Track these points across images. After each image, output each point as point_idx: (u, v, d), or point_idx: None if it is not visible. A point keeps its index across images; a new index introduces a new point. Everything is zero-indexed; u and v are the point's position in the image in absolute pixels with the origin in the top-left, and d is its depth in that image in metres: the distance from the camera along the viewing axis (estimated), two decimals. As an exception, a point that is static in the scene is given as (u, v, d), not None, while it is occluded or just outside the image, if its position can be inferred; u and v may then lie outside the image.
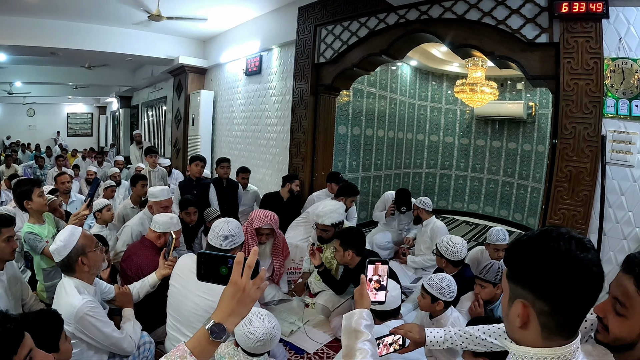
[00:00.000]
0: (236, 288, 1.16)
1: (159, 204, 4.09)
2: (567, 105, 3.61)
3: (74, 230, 2.38)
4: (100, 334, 2.21)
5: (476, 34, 4.20)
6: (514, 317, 0.98)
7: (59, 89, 15.71)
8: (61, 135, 20.15)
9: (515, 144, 8.32)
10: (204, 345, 1.14)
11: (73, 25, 7.77)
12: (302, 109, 6.06)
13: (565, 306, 0.92)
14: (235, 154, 8.08)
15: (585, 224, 3.62)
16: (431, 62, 8.45)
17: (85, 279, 2.35)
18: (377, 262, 1.71)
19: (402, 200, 5.32)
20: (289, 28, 6.36)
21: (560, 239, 0.92)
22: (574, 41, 3.53)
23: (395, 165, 8.65)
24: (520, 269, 0.97)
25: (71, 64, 11.47)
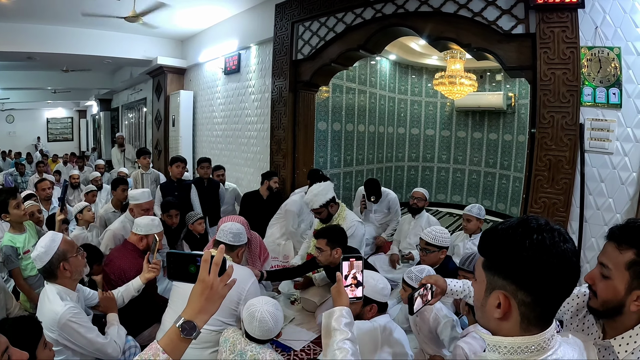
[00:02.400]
0: (204, 285, 1.20)
1: (140, 207, 4.10)
2: (545, 95, 3.63)
3: (55, 236, 2.37)
4: (84, 339, 2.20)
5: (453, 26, 4.19)
6: (491, 307, 0.97)
7: (37, 94, 15.49)
8: (42, 141, 19.70)
9: (496, 135, 8.41)
10: (176, 343, 1.17)
11: (49, 28, 7.62)
12: (282, 106, 6.02)
13: (547, 297, 0.93)
14: (216, 154, 8.02)
15: (566, 212, 3.65)
16: (410, 55, 8.48)
17: (67, 285, 2.34)
18: (351, 258, 1.69)
19: (370, 190, 5.32)
20: (266, 25, 6.30)
21: (543, 230, 0.92)
22: (550, 31, 3.55)
23: (377, 159, 8.68)
24: (502, 260, 0.95)
25: (49, 68, 11.22)
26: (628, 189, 3.48)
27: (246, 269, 2.92)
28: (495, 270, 0.97)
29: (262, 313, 2.23)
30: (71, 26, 7.75)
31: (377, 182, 5.39)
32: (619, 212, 3.52)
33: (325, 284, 3.80)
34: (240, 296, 2.61)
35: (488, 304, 0.98)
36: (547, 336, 0.94)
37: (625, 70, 3.42)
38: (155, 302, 3.23)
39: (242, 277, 2.74)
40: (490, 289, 0.98)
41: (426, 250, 3.33)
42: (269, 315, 2.23)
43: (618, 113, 3.48)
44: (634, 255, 1.25)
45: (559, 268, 0.90)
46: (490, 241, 1.00)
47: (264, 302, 2.31)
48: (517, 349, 0.94)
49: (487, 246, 1.00)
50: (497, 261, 0.97)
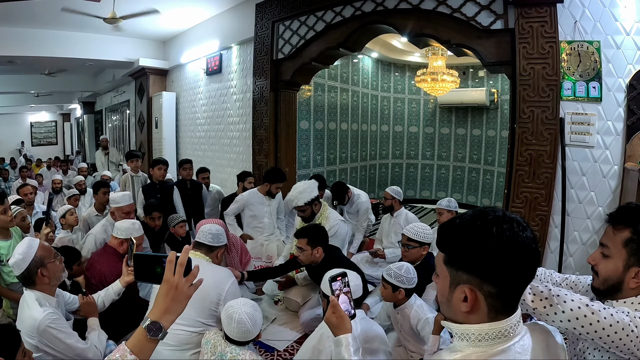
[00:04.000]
0: (169, 286, 1.19)
1: (121, 210, 4.07)
2: (524, 90, 3.65)
3: (32, 242, 2.34)
4: (63, 345, 2.18)
5: (432, 23, 4.19)
6: (458, 302, 0.96)
7: (20, 98, 15.26)
8: (25, 146, 19.37)
9: (480, 131, 8.44)
10: (143, 344, 1.18)
11: (30, 32, 7.49)
12: (263, 106, 5.98)
13: (512, 286, 0.93)
14: (199, 155, 7.96)
15: (548, 206, 3.68)
16: (392, 53, 8.47)
17: (46, 291, 2.32)
18: (338, 277, 1.63)
19: (333, 193, 5.29)
20: (247, 25, 6.25)
21: (502, 221, 0.92)
22: (529, 26, 3.56)
23: (360, 157, 8.67)
24: (465, 255, 0.94)
25: (30, 71, 11.08)
26: (610, 182, 3.51)
27: (225, 270, 2.90)
28: (457, 265, 0.96)
29: (240, 314, 2.21)
30: (51, 29, 7.63)
31: (341, 185, 5.28)
32: (601, 205, 3.56)
33: (308, 284, 3.78)
34: (220, 297, 2.59)
35: (454, 299, 0.97)
36: (513, 322, 0.94)
37: (605, 64, 3.45)
38: (136, 305, 3.18)
39: (221, 277, 2.74)
40: (455, 283, 0.97)
41: (408, 246, 3.30)
42: (246, 317, 2.20)
43: (598, 107, 3.51)
44: (630, 233, 1.36)
45: (522, 257, 0.90)
46: (449, 236, 0.99)
47: (242, 303, 2.29)
48: (485, 335, 0.94)
49: (447, 241, 0.99)
50: (458, 256, 0.96)
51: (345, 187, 5.23)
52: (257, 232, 4.82)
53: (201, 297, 2.60)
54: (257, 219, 4.81)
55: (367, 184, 8.96)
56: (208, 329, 2.51)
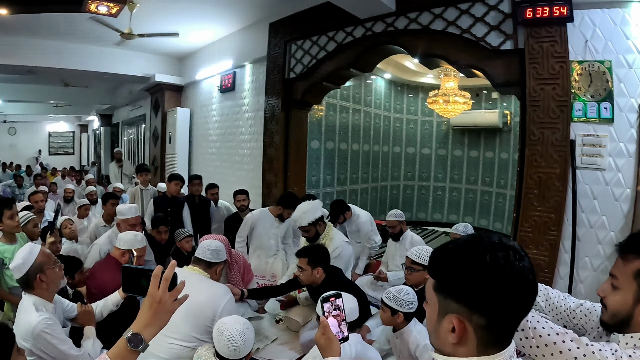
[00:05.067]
0: (152, 299, 1.22)
1: (127, 222, 4.04)
2: (534, 111, 3.58)
3: (33, 248, 2.39)
4: (56, 351, 2.18)
5: (441, 43, 4.18)
6: (445, 332, 0.90)
7: (39, 107, 15.67)
8: (43, 154, 19.85)
9: (493, 153, 8.35)
10: (124, 354, 1.18)
11: (49, 43, 7.69)
12: (274, 125, 5.99)
13: (504, 318, 0.87)
14: (211, 171, 7.97)
15: (558, 230, 3.56)
16: (405, 74, 8.49)
17: (44, 296, 2.35)
18: (330, 297, 1.59)
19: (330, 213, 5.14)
20: (260, 44, 6.32)
21: (497, 248, 0.85)
22: (539, 46, 3.52)
23: (372, 178, 8.62)
24: (455, 283, 0.88)
25: (50, 82, 11.31)
26: (622, 205, 3.39)
27: (223, 286, 2.87)
28: (447, 292, 0.90)
29: (230, 331, 2.16)
30: (70, 41, 7.82)
31: (337, 205, 5.14)
32: (612, 229, 3.43)
33: (310, 304, 3.71)
34: (216, 313, 2.57)
35: (442, 329, 0.91)
36: (504, 356, 0.88)
37: (617, 84, 3.37)
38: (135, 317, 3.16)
39: (218, 294, 2.72)
40: (443, 312, 0.91)
41: (411, 269, 3.22)
42: (237, 334, 2.15)
43: (610, 128, 3.41)
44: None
45: (516, 288, 0.84)
46: (440, 262, 0.93)
47: (234, 320, 2.25)
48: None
49: (437, 267, 0.94)
50: (448, 283, 0.90)
51: (342, 207, 5.10)
52: (261, 251, 4.78)
53: (196, 313, 2.58)
54: (263, 239, 4.75)
55: (378, 205, 8.87)
56: (202, 344, 2.47)
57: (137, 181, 6.33)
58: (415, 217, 9.38)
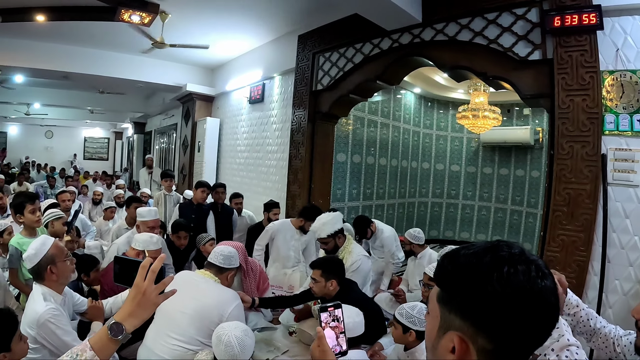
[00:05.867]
0: (137, 290, 1.22)
1: (146, 224, 4.15)
2: (563, 124, 3.43)
3: (46, 240, 2.47)
4: (59, 341, 2.22)
5: (468, 55, 4.09)
6: (444, 351, 0.78)
7: (76, 113, 16.24)
8: (78, 158, 20.51)
9: (523, 171, 8.13)
10: (104, 342, 1.20)
11: (84, 50, 7.98)
12: (300, 137, 5.99)
13: (515, 345, 0.73)
14: (237, 181, 8.03)
15: (587, 251, 3.37)
16: (435, 89, 8.40)
17: (53, 288, 2.42)
18: (329, 307, 1.51)
19: (356, 228, 5.10)
20: (289, 56, 6.37)
21: (517, 261, 0.73)
22: (568, 56, 3.39)
23: (399, 194, 8.49)
24: (462, 296, 0.75)
25: (85, 88, 11.83)
26: (656, 225, 3.21)
27: (230, 292, 2.85)
28: (452, 306, 0.77)
29: (229, 337, 2.13)
30: (105, 49, 8.09)
31: (363, 219, 5.12)
32: (646, 251, 3.25)
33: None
34: (222, 318, 2.54)
35: (440, 347, 0.79)
36: None
37: (650, 95, 3.20)
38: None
39: (225, 299, 2.71)
40: (445, 328, 0.78)
41: (428, 286, 3.12)
42: (235, 340, 2.12)
43: (644, 142, 3.24)
44: None
45: (533, 310, 0.71)
46: (447, 269, 0.80)
47: (234, 326, 2.22)
48: None
49: (443, 274, 0.80)
50: (454, 295, 0.77)
51: (367, 221, 5.06)
52: (280, 262, 4.74)
53: (202, 316, 2.58)
54: (282, 250, 4.72)
55: (405, 222, 8.72)
56: (205, 348, 2.45)
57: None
58: (442, 235, 9.19)
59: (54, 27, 6.59)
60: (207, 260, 2.98)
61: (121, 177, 12.67)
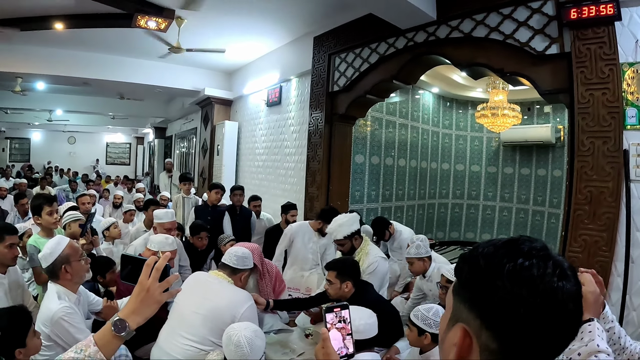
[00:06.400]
0: (141, 288, 1.24)
1: (162, 226, 4.20)
2: (583, 119, 3.33)
3: (61, 240, 2.53)
4: (72, 339, 2.24)
5: (484, 51, 4.02)
6: (449, 344, 0.73)
7: (97, 119, 16.57)
8: (100, 163, 20.97)
9: (545, 171, 7.95)
10: (108, 338, 1.21)
11: (103, 57, 8.13)
12: (318, 138, 5.98)
13: (521, 348, 0.66)
14: (256, 184, 8.07)
15: (610, 251, 3.25)
16: (453, 88, 8.31)
17: (68, 287, 2.46)
18: (335, 308, 1.47)
19: (374, 230, 5.06)
20: (305, 58, 6.38)
21: (534, 256, 0.67)
22: (586, 49, 3.28)
23: (419, 195, 8.40)
24: (471, 285, 0.71)
25: (105, 94, 12.09)
26: (682, 224, 3.09)
27: (244, 292, 2.85)
28: (462, 296, 0.73)
29: (239, 337, 2.12)
30: (123, 56, 8.23)
31: (381, 220, 5.07)
32: (671, 251, 3.12)
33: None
34: (234, 319, 2.55)
35: (447, 339, 0.75)
36: None
37: (673, 87, 3.08)
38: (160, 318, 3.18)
39: (238, 299, 2.72)
40: (454, 319, 0.74)
41: (445, 288, 3.05)
42: (245, 340, 2.11)
43: (668, 136, 3.11)
44: None
45: (544, 312, 0.64)
46: (464, 257, 0.76)
47: (245, 327, 2.22)
48: None
49: (462, 265, 0.76)
50: (466, 286, 0.73)
51: (385, 223, 5.02)
52: (298, 264, 4.72)
53: (215, 316, 2.59)
54: (300, 253, 4.70)
55: (425, 224, 8.64)
56: (217, 349, 2.46)
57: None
58: (463, 237, 9.07)
59: (73, 35, 6.71)
60: (221, 262, 2.99)
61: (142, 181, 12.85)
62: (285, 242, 4.70)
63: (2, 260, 2.83)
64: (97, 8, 5.60)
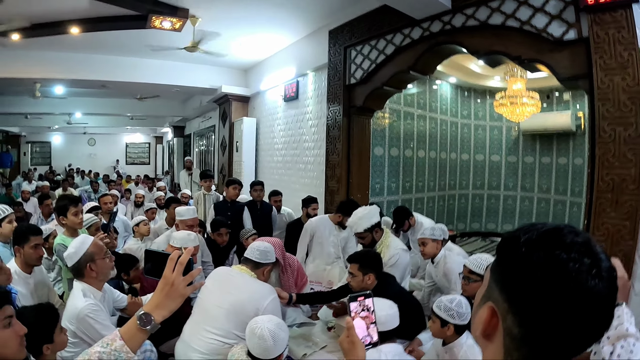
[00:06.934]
0: (165, 282, 1.26)
1: (184, 223, 4.24)
2: (604, 105, 3.26)
3: (86, 239, 2.61)
4: (98, 335, 2.26)
5: (501, 38, 3.97)
6: (479, 321, 0.75)
7: (116, 120, 16.82)
8: (120, 164, 21.36)
9: (566, 159, 7.82)
10: (133, 332, 1.24)
11: (119, 59, 8.26)
12: (336, 132, 5.99)
13: (542, 341, 0.66)
14: (276, 179, 8.12)
15: (633, 240, 3.17)
16: (471, 78, 8.21)
17: (93, 284, 2.53)
18: (359, 297, 1.48)
19: (394, 218, 5.05)
20: (321, 52, 6.38)
21: (573, 250, 0.65)
22: (604, 33, 3.21)
23: (439, 187, 8.35)
24: (505, 268, 0.72)
25: (123, 95, 12.31)
26: None
27: (266, 286, 2.88)
28: (496, 276, 0.74)
29: (262, 330, 2.17)
30: (139, 57, 8.35)
31: (401, 210, 5.06)
32: (697, 240, 3.06)
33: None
34: (258, 312, 2.58)
35: (477, 316, 0.76)
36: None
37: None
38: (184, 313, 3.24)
39: (261, 293, 2.75)
40: (487, 297, 0.75)
41: (468, 279, 2.98)
42: (269, 333, 2.15)
43: (692, 120, 3.03)
44: None
45: (570, 309, 0.64)
46: (506, 241, 0.75)
47: (268, 319, 2.26)
48: None
49: (501, 245, 0.76)
50: (501, 266, 0.73)
51: (406, 213, 5.01)
52: (320, 258, 4.75)
53: (239, 310, 2.63)
54: (321, 246, 4.74)
55: (446, 215, 8.57)
56: (241, 342, 2.49)
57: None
58: (484, 227, 8.99)
59: (88, 38, 6.80)
60: (244, 256, 3.03)
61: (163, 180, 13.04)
62: (306, 238, 4.74)
63: (27, 260, 2.90)
64: (111, 11, 5.69)
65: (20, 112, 13.97)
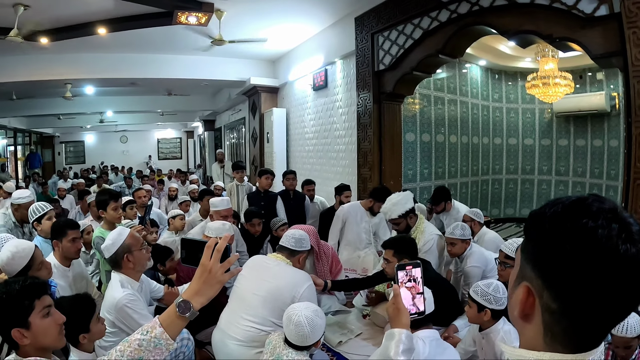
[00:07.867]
0: (203, 269, 1.29)
1: (219, 214, 4.33)
2: (639, 83, 3.19)
3: (123, 230, 2.69)
4: (136, 324, 2.34)
5: (531, 17, 3.89)
6: (515, 302, 0.74)
7: (147, 117, 17.28)
8: (152, 159, 21.79)
9: (601, 141, 7.60)
10: (173, 319, 1.28)
11: (147, 56, 8.47)
12: (367, 119, 6.00)
13: (580, 311, 0.66)
14: (307, 168, 8.19)
15: (672, 222, 3.12)
16: (501, 60, 8.06)
17: (130, 275, 2.61)
18: (407, 266, 1.50)
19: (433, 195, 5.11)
20: (348, 39, 6.39)
21: (600, 217, 0.64)
22: (637, 7, 3.12)
23: (472, 172, 8.28)
24: (535, 244, 0.71)
25: (153, 92, 12.59)
26: None
27: (302, 273, 2.93)
28: (528, 255, 0.73)
29: (299, 317, 2.21)
30: (167, 53, 8.49)
31: (442, 190, 5.06)
32: None
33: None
34: (294, 299, 2.63)
35: (514, 297, 0.75)
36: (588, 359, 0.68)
37: None
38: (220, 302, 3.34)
39: (297, 280, 2.79)
40: (520, 277, 0.74)
41: (505, 264, 2.96)
42: (306, 320, 2.20)
43: None
44: None
45: (605, 275, 0.62)
46: (532, 218, 0.73)
47: (305, 306, 2.30)
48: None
49: (529, 223, 0.74)
50: (531, 244, 0.72)
51: (446, 195, 5.00)
52: (352, 245, 4.79)
53: (275, 297, 2.68)
54: (354, 233, 4.77)
55: (479, 200, 8.50)
56: (277, 329, 2.55)
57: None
58: (519, 213, 8.87)
59: (116, 38, 6.94)
60: (279, 244, 3.09)
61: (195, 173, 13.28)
62: (338, 224, 4.77)
63: (66, 253, 3.01)
64: (136, 9, 5.79)
65: (53, 114, 14.46)
